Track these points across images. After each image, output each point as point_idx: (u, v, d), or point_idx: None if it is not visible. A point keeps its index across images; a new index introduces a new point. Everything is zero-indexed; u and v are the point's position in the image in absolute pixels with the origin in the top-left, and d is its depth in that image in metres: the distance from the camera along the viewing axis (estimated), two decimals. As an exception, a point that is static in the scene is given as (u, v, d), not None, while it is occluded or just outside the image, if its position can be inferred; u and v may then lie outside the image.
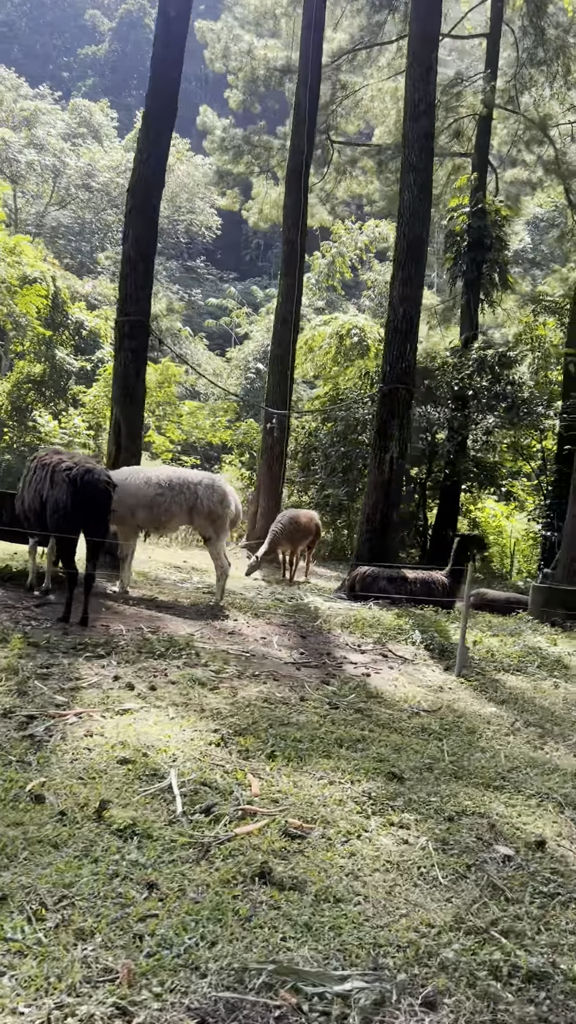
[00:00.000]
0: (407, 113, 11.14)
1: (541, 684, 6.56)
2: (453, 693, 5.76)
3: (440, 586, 10.67)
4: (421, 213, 11.12)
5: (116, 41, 71.82)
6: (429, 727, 4.65)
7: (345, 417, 21.82)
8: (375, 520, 11.09)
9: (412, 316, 11.05)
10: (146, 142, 9.55)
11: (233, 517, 8.05)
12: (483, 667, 7.00)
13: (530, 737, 4.80)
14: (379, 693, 5.35)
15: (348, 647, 7.11)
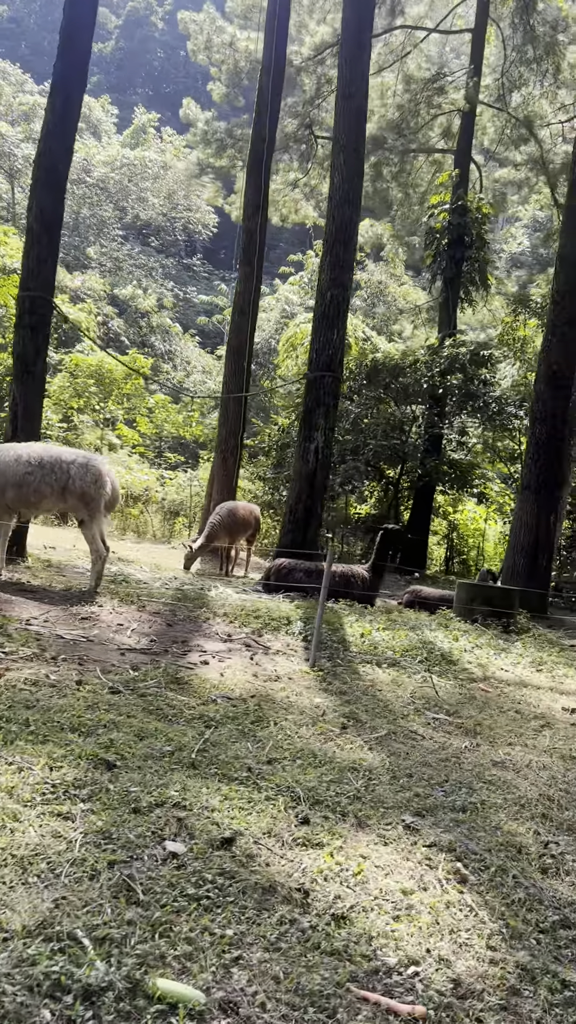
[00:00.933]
0: (339, 92, 10.79)
1: (404, 677, 6.16)
2: (287, 683, 5.37)
3: (360, 580, 10.31)
4: (352, 196, 10.75)
5: (122, 39, 71.81)
6: (212, 714, 4.27)
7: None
8: (298, 511, 10.72)
9: (340, 302, 10.68)
10: (52, 111, 9.22)
11: (110, 500, 7.69)
12: (354, 660, 6.62)
13: (329, 728, 4.42)
14: (189, 681, 4.96)
15: (215, 636, 6.73)
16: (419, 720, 5.03)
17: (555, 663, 8.14)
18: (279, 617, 7.73)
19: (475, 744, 4.73)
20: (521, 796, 3.97)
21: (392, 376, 21.14)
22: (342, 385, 22.77)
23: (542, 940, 2.78)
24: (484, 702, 5.90)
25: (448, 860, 3.14)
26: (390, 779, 3.83)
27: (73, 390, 21.16)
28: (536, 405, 13.59)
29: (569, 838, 3.59)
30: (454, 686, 6.29)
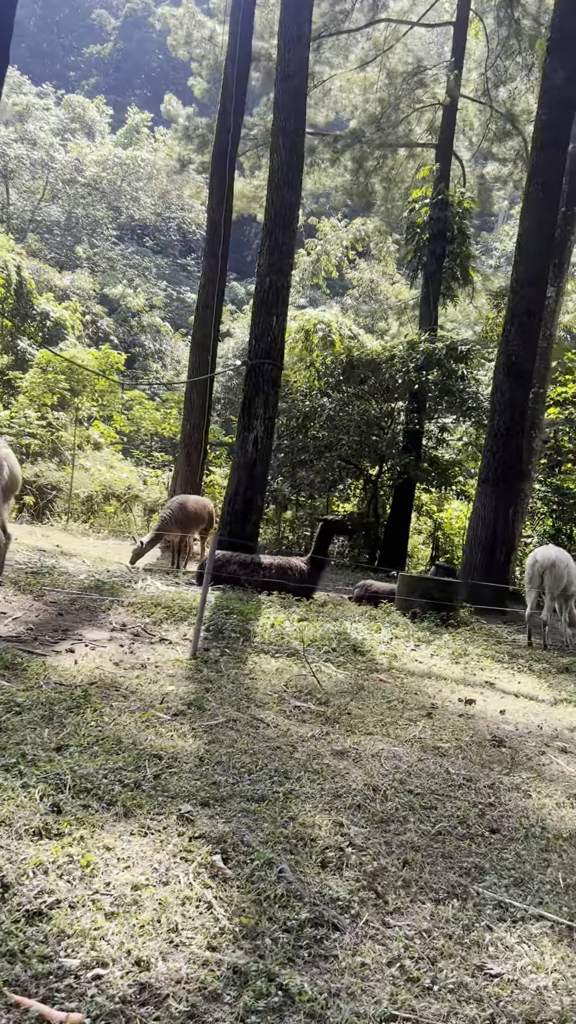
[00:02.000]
0: (278, 73, 10.54)
1: (294, 667, 5.90)
2: (149, 672, 5.12)
3: (298, 572, 10.05)
4: (291, 178, 10.50)
5: (121, 40, 71.83)
6: (24, 700, 4.02)
7: (288, 409, 21.18)
8: (237, 503, 10.46)
9: (280, 287, 10.42)
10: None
11: (9, 484, 7.43)
12: (248, 650, 6.35)
13: (158, 715, 4.18)
14: (28, 667, 4.71)
15: (106, 626, 6.48)
16: (277, 708, 4.76)
17: (479, 656, 7.86)
18: (188, 608, 7.47)
19: (325, 732, 4.46)
20: (343, 786, 3.70)
21: (368, 372, 20.85)
22: (319, 382, 22.58)
23: (281, 940, 2.51)
24: (371, 692, 5.62)
25: (209, 852, 2.88)
26: (193, 767, 3.57)
27: (45, 386, 20.92)
28: (495, 396, 13.31)
29: (371, 830, 3.32)
30: (348, 676, 6.02)
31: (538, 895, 3.08)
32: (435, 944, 2.64)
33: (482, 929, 2.78)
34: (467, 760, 4.45)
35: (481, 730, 5.13)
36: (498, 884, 3.11)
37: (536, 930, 2.83)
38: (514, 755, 4.69)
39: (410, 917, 2.77)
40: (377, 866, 3.04)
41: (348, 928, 2.64)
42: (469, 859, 3.26)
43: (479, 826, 3.59)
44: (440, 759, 4.38)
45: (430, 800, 3.76)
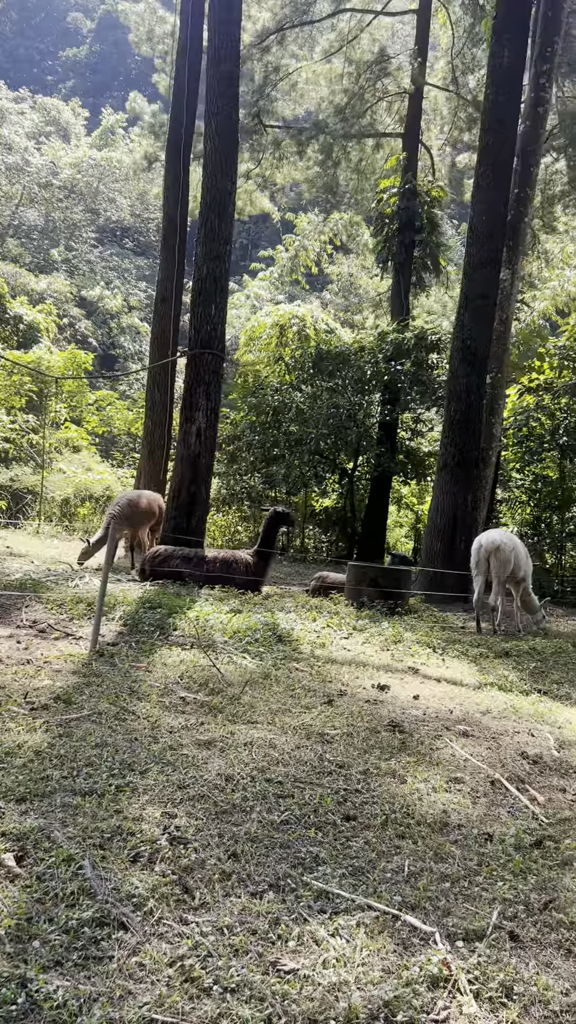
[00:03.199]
0: (209, 58, 10.35)
1: (201, 660, 5.70)
2: (31, 668, 4.94)
3: (243, 566, 9.87)
4: (225, 165, 10.31)
5: (96, 42, 71.61)
6: None
7: (257, 404, 21.00)
8: (181, 497, 10.27)
9: (218, 275, 10.23)
10: None
11: None
12: (160, 643, 6.17)
13: (14, 710, 4.00)
14: None
15: (15, 623, 6.29)
16: (157, 700, 4.57)
17: (414, 642, 7.67)
18: (113, 604, 7.28)
19: (200, 722, 4.28)
20: (194, 777, 3.52)
21: (338, 365, 20.65)
22: (290, 376, 22.39)
23: (54, 941, 2.34)
24: (277, 681, 5.44)
25: (5, 850, 2.69)
26: (27, 763, 3.38)
27: (12, 388, 20.75)
28: (451, 383, 13.12)
29: (206, 822, 3.14)
30: (260, 666, 5.83)
31: (374, 884, 2.90)
32: (232, 941, 2.45)
33: (293, 923, 2.60)
34: (350, 746, 4.27)
35: (382, 716, 4.94)
36: (332, 874, 2.93)
37: (355, 922, 2.64)
38: (407, 740, 4.51)
39: (215, 913, 2.59)
40: (196, 859, 2.86)
41: (137, 927, 2.46)
42: (309, 849, 3.08)
43: (334, 814, 3.40)
44: (321, 746, 4.20)
45: (289, 788, 3.57)
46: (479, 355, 12.80)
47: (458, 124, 27.99)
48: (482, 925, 2.72)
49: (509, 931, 2.71)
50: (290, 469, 20.25)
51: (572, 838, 3.46)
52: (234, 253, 56.32)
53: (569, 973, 2.54)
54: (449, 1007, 2.30)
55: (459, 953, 2.55)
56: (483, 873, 3.07)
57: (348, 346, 21.15)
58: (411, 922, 2.68)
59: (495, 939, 2.66)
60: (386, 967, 2.44)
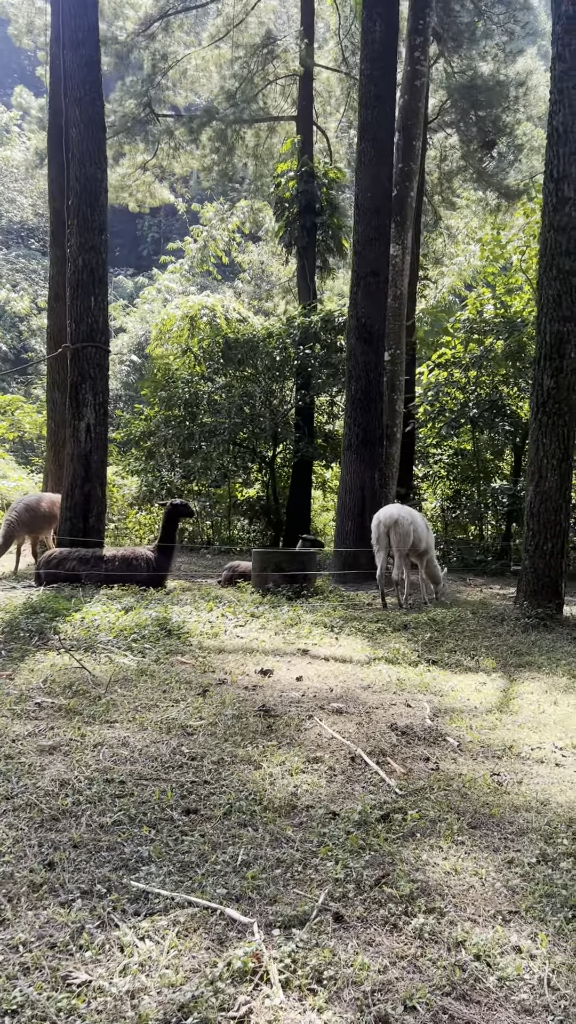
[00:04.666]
0: (65, 42, 10.03)
1: (71, 662, 5.50)
2: None
3: (144, 562, 9.64)
4: (92, 151, 10.03)
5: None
6: None
7: (169, 398, 20.72)
8: (75, 497, 10.00)
9: (95, 266, 9.96)
10: None
11: None
12: (33, 648, 5.94)
13: None
14: None
15: None
16: (10, 708, 4.36)
17: (311, 623, 7.58)
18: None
19: (51, 727, 4.09)
20: (26, 785, 3.36)
21: (247, 352, 20.47)
22: (199, 367, 22.14)
23: None
24: (153, 676, 5.27)
25: None
26: None
27: None
28: (349, 362, 13.06)
29: (28, 832, 2.98)
30: (139, 663, 5.65)
31: (199, 879, 2.76)
32: (24, 959, 2.29)
33: (98, 930, 2.44)
34: (211, 736, 4.13)
35: (256, 701, 4.82)
36: (156, 874, 2.78)
37: (168, 921, 2.50)
38: (273, 723, 4.39)
39: (12, 929, 2.42)
40: (3, 874, 2.68)
41: None
42: (137, 848, 2.93)
43: (173, 809, 3.26)
44: (179, 739, 4.05)
45: (130, 787, 3.41)
46: (374, 333, 12.76)
47: (352, 104, 27.96)
48: (306, 910, 2.61)
49: (334, 912, 2.61)
50: (208, 461, 20.04)
51: (422, 808, 3.38)
52: (146, 247, 55.65)
53: (390, 950, 2.44)
54: (251, 1001, 2.18)
55: (274, 942, 2.43)
56: (320, 855, 2.97)
57: (256, 333, 20.97)
58: (230, 915, 2.56)
59: (318, 923, 2.55)
60: (193, 967, 2.31)
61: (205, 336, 23.19)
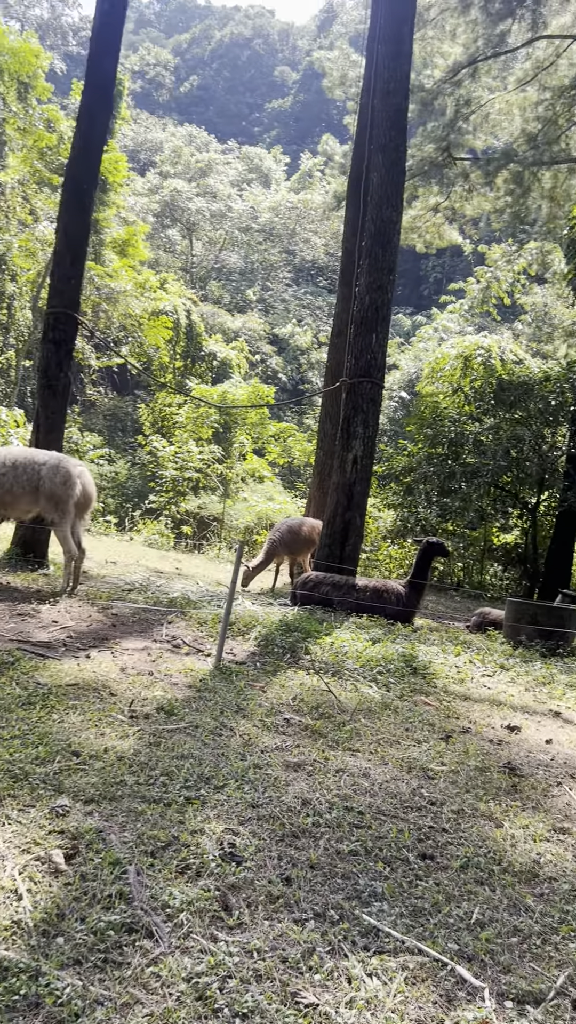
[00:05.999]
0: (376, 89, 10.45)
1: (319, 684, 5.64)
2: (149, 678, 5.07)
3: (394, 595, 9.70)
4: (391, 195, 10.35)
5: (301, 92, 74.69)
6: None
7: (434, 436, 20.74)
8: (335, 524, 10.27)
9: (380, 305, 10.24)
10: (79, 134, 9.59)
11: (81, 501, 7.71)
12: (285, 665, 6.16)
13: (112, 715, 4.11)
14: (17, 666, 4.79)
15: (153, 637, 6.52)
16: (260, 719, 4.55)
17: (568, 685, 7.16)
18: (252, 624, 7.38)
19: (296, 745, 4.21)
20: (270, 797, 3.47)
21: (520, 395, 20.00)
22: (468, 406, 21.94)
23: (79, 941, 2.39)
24: (396, 712, 5.26)
25: (56, 845, 2.77)
26: (107, 766, 3.47)
27: (200, 421, 21.78)
28: None
29: (269, 843, 3.08)
30: (384, 696, 5.67)
31: (432, 929, 2.70)
32: (258, 966, 2.37)
33: (328, 955, 2.47)
34: (452, 784, 4.03)
35: (500, 757, 4.64)
36: (388, 912, 2.76)
37: (398, 964, 2.47)
38: (519, 783, 4.20)
39: (249, 935, 2.51)
40: (244, 879, 2.79)
41: (165, 938, 2.43)
42: (371, 883, 2.93)
43: (409, 851, 3.21)
44: (419, 781, 4.00)
45: (368, 820, 3.42)
46: None
47: None
48: (543, 988, 2.45)
49: (573, 999, 2.43)
50: (467, 502, 19.78)
51: None
52: (427, 287, 56.27)
53: None
54: (477, 1071, 2.09)
55: (506, 1014, 2.31)
56: (561, 932, 2.78)
57: (532, 376, 20.44)
58: (461, 973, 2.47)
59: (554, 1006, 2.39)
60: (419, 1017, 2.26)
61: (478, 376, 22.99)
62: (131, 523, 20.99)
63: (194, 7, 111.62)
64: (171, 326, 28.96)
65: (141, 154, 64.48)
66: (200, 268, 49.67)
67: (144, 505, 23.10)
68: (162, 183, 50.96)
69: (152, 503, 22.80)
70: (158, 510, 22.66)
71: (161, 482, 22.67)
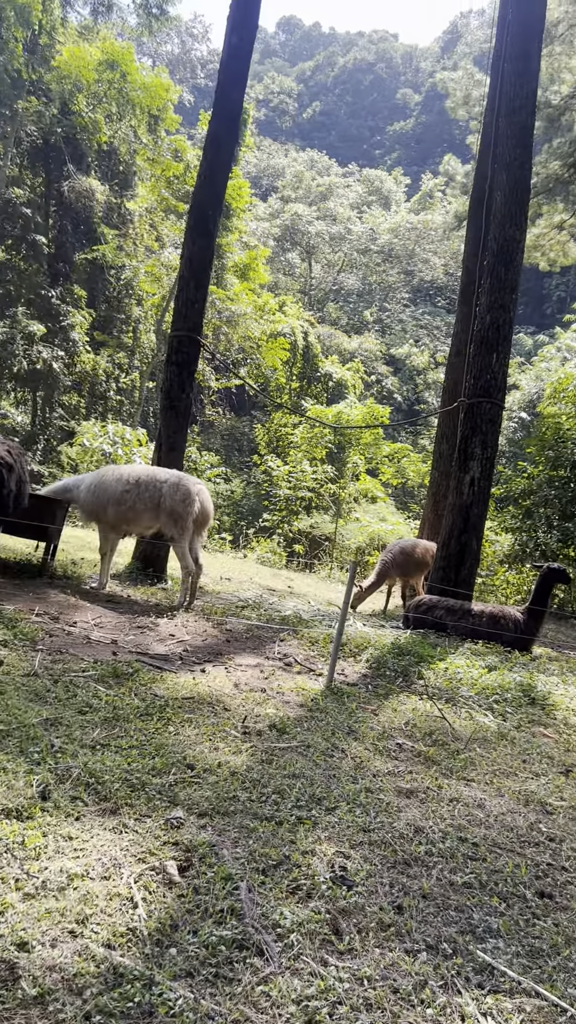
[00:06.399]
0: (502, 109, 10.33)
1: (432, 710, 5.53)
2: (262, 695, 5.10)
3: (512, 622, 9.44)
4: (515, 214, 10.17)
5: (423, 113, 74.69)
6: (95, 702, 4.20)
7: (556, 458, 20.14)
8: (451, 547, 10.10)
9: (501, 324, 10.06)
10: (206, 162, 9.89)
11: (199, 518, 7.86)
12: (398, 688, 6.08)
13: (225, 731, 4.14)
14: (136, 678, 4.91)
15: (266, 654, 6.58)
16: (372, 743, 4.50)
17: None
18: (363, 646, 7.34)
19: (409, 771, 4.14)
20: (382, 823, 3.42)
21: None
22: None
23: (191, 953, 2.40)
24: (514, 743, 5.11)
25: (171, 857, 2.80)
26: (220, 781, 3.50)
27: (314, 441, 21.94)
28: None
29: (380, 869, 3.03)
30: (500, 725, 5.52)
31: (549, 971, 2.59)
32: (368, 994, 2.33)
33: (441, 990, 2.40)
34: (572, 820, 3.87)
35: (625, 795, 4.42)
36: (504, 950, 2.67)
37: (514, 1006, 2.38)
38: None
39: (359, 961, 2.48)
40: (355, 904, 2.76)
41: (275, 957, 2.42)
42: (486, 918, 2.84)
43: (527, 887, 3.10)
44: (537, 815, 3.86)
45: (483, 852, 3.32)
46: None
47: None
48: None
49: None
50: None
51: None
52: (550, 306, 54.91)
53: None
54: None
55: (630, 1070, 2.19)
56: None
57: None
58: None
59: None
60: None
61: None
62: (245, 541, 21.30)
63: (319, 35, 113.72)
64: (288, 347, 29.36)
65: (263, 180, 66.00)
66: (318, 290, 50.21)
67: (258, 523, 23.41)
68: (283, 207, 51.93)
69: (265, 521, 23.08)
70: (271, 528, 22.92)
71: (275, 501, 22.93)
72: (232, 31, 9.84)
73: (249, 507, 26.37)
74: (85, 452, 20.42)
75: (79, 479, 8.32)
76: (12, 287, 29.13)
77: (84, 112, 28.90)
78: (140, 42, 67.24)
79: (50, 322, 27.79)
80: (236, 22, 9.82)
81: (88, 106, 29.16)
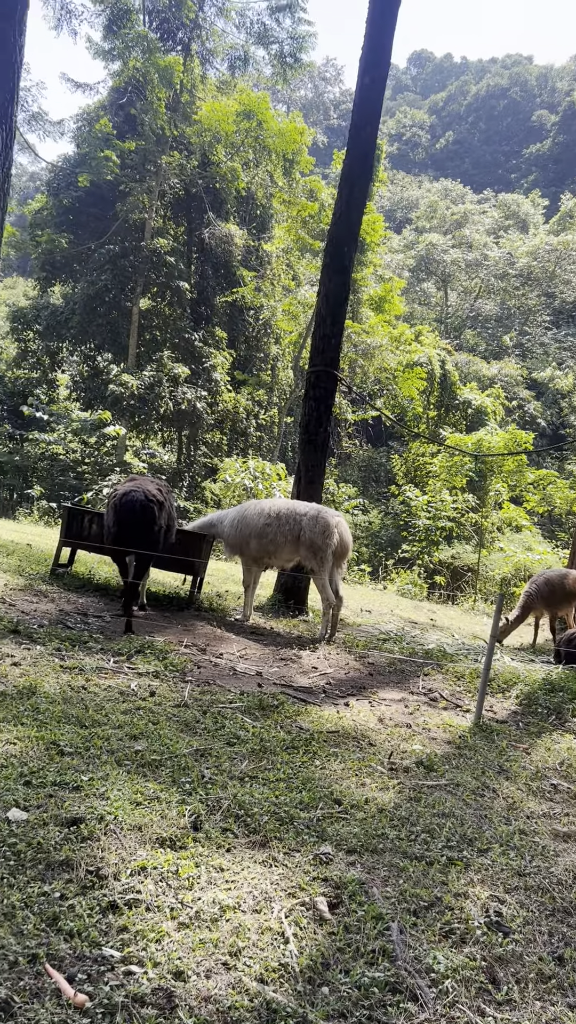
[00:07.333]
0: None
1: (574, 745, 5.28)
2: (410, 731, 5.02)
3: None
4: None
5: (560, 133, 73.07)
6: (242, 733, 4.24)
7: None
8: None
9: None
10: (340, 199, 10.05)
11: (338, 550, 7.86)
12: (550, 727, 5.84)
13: (371, 766, 4.09)
14: (281, 709, 4.93)
15: (410, 689, 6.48)
16: (525, 783, 4.33)
17: None
18: (512, 682, 7.11)
19: (566, 813, 3.95)
20: (536, 867, 3.28)
21: None
22: None
23: (343, 993, 2.38)
24: None
25: (320, 893, 2.79)
26: (368, 817, 3.46)
27: (453, 469, 21.61)
28: None
29: (537, 916, 2.91)
30: None
31: None
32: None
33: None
34: None
35: None
36: None
37: None
38: None
39: (519, 1013, 2.37)
40: (512, 952, 2.65)
41: (430, 1003, 2.36)
42: None
43: None
44: None
45: None
46: None
47: None
48: None
49: None
50: None
51: None
52: None
53: None
54: None
55: None
56: None
57: None
58: None
59: None
60: None
61: None
62: (384, 572, 21.15)
63: (450, 66, 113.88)
64: (425, 376, 29.18)
65: (397, 212, 66.39)
66: (455, 318, 49.74)
67: (397, 554, 23.21)
68: (417, 238, 51.97)
69: (405, 552, 22.85)
70: (411, 559, 22.66)
71: (414, 531, 22.69)
72: (364, 72, 10.00)
73: (388, 538, 26.21)
74: (227, 487, 20.94)
75: (223, 514, 8.55)
76: (158, 332, 30.50)
77: (223, 161, 30.09)
78: (275, 90, 69.59)
79: (193, 364, 28.86)
80: (368, 63, 9.98)
81: (226, 155, 30.36)
